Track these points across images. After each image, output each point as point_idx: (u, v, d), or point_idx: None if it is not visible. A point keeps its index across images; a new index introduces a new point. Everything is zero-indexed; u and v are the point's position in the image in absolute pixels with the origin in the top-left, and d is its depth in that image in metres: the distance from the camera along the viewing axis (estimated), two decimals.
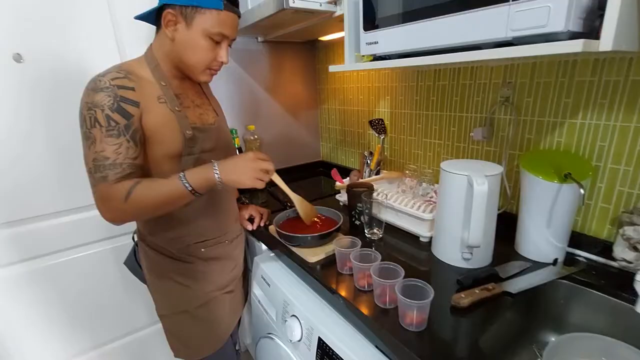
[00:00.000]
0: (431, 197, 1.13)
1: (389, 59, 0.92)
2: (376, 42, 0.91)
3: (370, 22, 0.92)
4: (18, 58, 1.09)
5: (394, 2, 0.84)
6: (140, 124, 0.78)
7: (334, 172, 1.38)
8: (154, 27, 0.87)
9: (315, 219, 1.11)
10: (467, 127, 1.17)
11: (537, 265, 0.87)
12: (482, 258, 0.88)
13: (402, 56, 0.88)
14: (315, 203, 1.08)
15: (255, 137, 1.65)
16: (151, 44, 0.87)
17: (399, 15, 0.83)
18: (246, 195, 1.38)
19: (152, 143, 0.81)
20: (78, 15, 1.16)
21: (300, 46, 1.75)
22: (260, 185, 0.83)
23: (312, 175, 1.90)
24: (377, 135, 1.46)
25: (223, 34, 0.82)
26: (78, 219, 1.29)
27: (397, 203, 1.09)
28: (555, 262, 0.87)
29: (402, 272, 0.74)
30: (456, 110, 1.19)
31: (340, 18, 1.06)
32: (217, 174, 0.79)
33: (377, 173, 1.43)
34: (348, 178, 1.42)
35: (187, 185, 0.77)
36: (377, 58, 0.97)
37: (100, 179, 0.74)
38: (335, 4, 1.07)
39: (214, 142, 0.93)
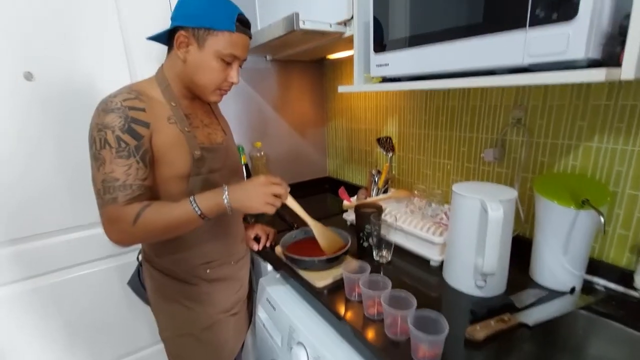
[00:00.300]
0: (441, 218, 1.11)
1: (399, 80, 0.91)
2: (387, 64, 0.91)
3: (381, 43, 0.91)
4: (29, 76, 1.10)
5: (405, 25, 0.83)
6: (150, 144, 0.77)
7: (342, 191, 1.35)
8: (164, 47, 0.88)
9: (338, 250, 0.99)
10: (478, 148, 1.15)
11: (553, 294, 0.84)
12: (496, 286, 0.85)
13: (412, 79, 0.87)
14: (322, 222, 1.03)
15: (262, 153, 1.64)
16: (162, 65, 0.88)
17: (410, 38, 0.82)
18: (252, 215, 1.36)
19: (160, 164, 0.80)
20: (89, 34, 1.17)
21: (309, 65, 1.76)
22: (271, 210, 0.81)
23: (318, 192, 1.88)
24: (385, 153, 1.45)
25: (234, 55, 0.82)
26: (84, 236, 1.28)
27: (406, 224, 1.06)
28: (572, 290, 0.84)
29: (414, 302, 0.71)
30: (466, 131, 1.17)
31: (350, 38, 1.06)
32: (226, 199, 0.78)
33: (385, 191, 1.41)
34: (356, 197, 1.40)
35: (197, 209, 0.76)
36: (386, 80, 0.96)
37: (110, 200, 0.73)
38: (345, 25, 1.07)
39: (221, 162, 0.92)
